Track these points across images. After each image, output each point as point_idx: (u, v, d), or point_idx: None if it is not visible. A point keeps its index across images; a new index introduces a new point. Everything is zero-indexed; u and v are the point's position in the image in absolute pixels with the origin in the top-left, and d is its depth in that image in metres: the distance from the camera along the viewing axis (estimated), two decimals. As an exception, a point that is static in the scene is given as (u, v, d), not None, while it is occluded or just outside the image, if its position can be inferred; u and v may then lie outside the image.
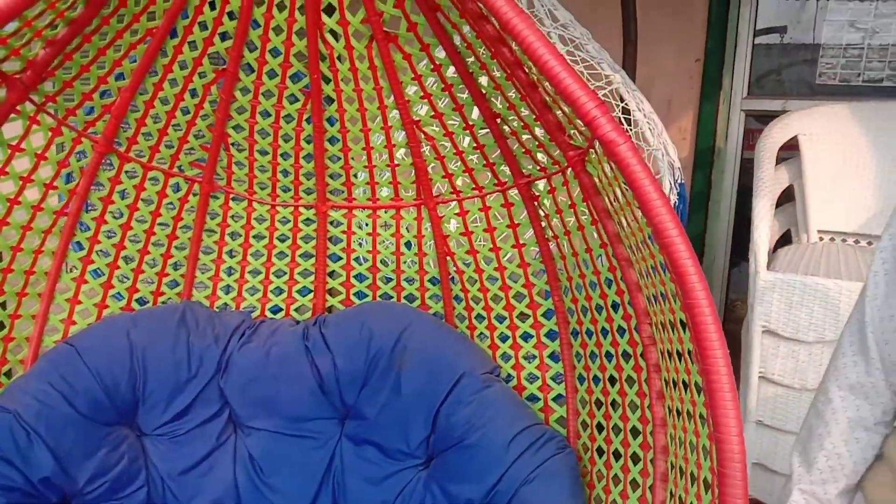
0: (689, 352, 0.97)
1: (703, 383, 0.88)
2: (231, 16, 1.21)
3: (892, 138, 2.02)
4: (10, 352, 1.35)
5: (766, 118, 2.16)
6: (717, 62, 2.48)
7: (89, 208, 1.37)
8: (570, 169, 1.17)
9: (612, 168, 1.00)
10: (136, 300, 1.49)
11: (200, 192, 1.46)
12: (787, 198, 2.15)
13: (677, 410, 1.06)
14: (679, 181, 1.79)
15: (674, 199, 1.72)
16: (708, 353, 0.86)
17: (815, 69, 2.44)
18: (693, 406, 0.98)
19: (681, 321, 0.97)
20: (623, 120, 1.69)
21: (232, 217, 1.52)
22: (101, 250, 1.41)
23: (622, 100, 1.70)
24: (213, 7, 1.19)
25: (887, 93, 2.34)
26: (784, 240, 2.17)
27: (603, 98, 1.62)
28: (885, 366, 1.00)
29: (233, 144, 1.41)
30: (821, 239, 2.10)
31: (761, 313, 1.78)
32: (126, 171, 1.37)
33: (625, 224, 1.08)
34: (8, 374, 1.37)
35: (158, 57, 1.23)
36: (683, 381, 1.01)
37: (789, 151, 2.12)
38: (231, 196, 1.50)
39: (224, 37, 1.24)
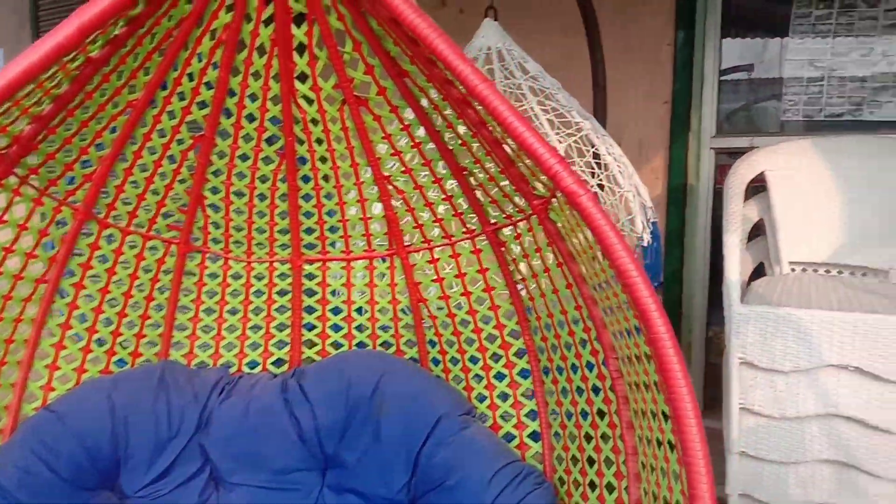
0: (655, 383, 1.04)
1: (670, 411, 0.95)
2: (208, 86, 1.27)
3: (853, 171, 2.11)
4: (-11, 421, 1.35)
5: (738, 154, 2.24)
6: (684, 104, 2.59)
7: (68, 274, 1.39)
8: (534, 216, 1.25)
9: (574, 216, 1.08)
10: (115, 363, 1.51)
11: (177, 254, 1.50)
12: (760, 230, 2.23)
13: (647, 439, 1.13)
14: (651, 220, 1.88)
15: (647, 237, 1.81)
16: (672, 383, 0.94)
17: (781, 106, 2.58)
18: (662, 434, 1.05)
19: (645, 354, 1.05)
20: (594, 164, 1.79)
21: (208, 276, 1.56)
22: (79, 315, 1.43)
23: (593, 145, 1.80)
24: (191, 78, 1.26)
25: (847, 127, 2.47)
26: (759, 272, 2.23)
27: (574, 144, 1.73)
28: None
29: (209, 206, 1.46)
30: (793, 270, 2.16)
31: (737, 345, 1.81)
32: (105, 237, 1.40)
33: (589, 266, 1.16)
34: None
35: (138, 126, 1.29)
36: (651, 411, 1.09)
37: (761, 183, 2.19)
38: (207, 255, 1.54)
39: (202, 105, 1.30)
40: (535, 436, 1.49)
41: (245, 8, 1.17)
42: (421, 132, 1.32)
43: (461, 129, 1.24)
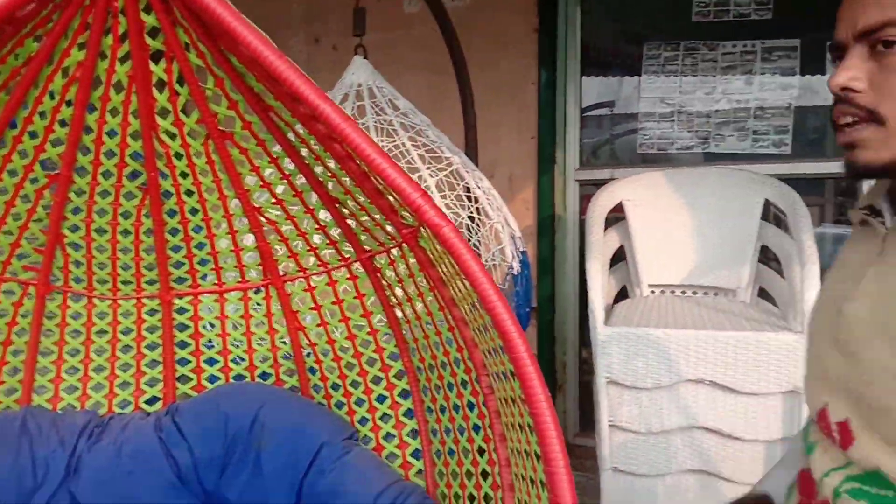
0: (521, 398, 1.11)
1: (533, 424, 1.02)
2: (62, 123, 1.23)
3: (702, 199, 2.26)
4: None
5: (601, 185, 2.36)
6: (549, 139, 2.72)
7: None
8: (405, 244, 1.30)
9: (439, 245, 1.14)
10: (-31, 414, 1.41)
11: (36, 295, 1.43)
12: (623, 255, 2.35)
13: (517, 450, 1.20)
14: (521, 249, 1.96)
15: (516, 265, 1.89)
16: (534, 399, 1.02)
17: (638, 139, 2.76)
18: (529, 445, 1.13)
19: (510, 371, 1.12)
20: (465, 197, 1.85)
21: (71, 316, 1.49)
22: (-75, 367, 1.33)
23: (463, 179, 1.87)
24: (43, 116, 1.21)
25: (698, 158, 2.69)
26: (623, 295, 2.35)
27: (445, 178, 1.79)
28: None
29: (69, 244, 1.40)
30: (652, 292, 2.30)
31: (603, 365, 1.91)
32: (-49, 283, 1.32)
33: (457, 290, 1.22)
34: None
35: (-15, 166, 1.22)
36: (519, 424, 1.16)
37: (621, 213, 2.30)
38: (69, 295, 1.48)
39: (56, 143, 1.25)
40: (416, 454, 1.54)
41: (99, 46, 1.14)
42: (290, 164, 1.34)
43: (330, 163, 1.27)
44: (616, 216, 2.31)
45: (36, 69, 1.13)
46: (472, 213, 1.83)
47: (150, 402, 1.59)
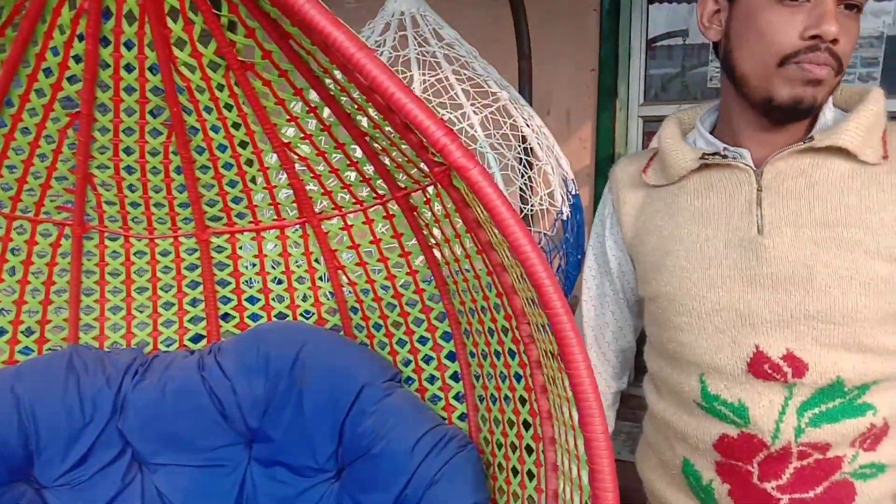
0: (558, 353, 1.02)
1: (569, 382, 0.94)
2: (77, 59, 1.17)
3: None
4: None
5: None
6: (611, 71, 2.47)
7: (-49, 267, 1.31)
8: (438, 183, 1.20)
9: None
10: (20, 352, 1.44)
11: (73, 235, 1.42)
12: None
13: (558, 405, 1.12)
14: (573, 192, 1.82)
15: (566, 210, 1.75)
16: (569, 354, 0.93)
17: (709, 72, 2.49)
18: (568, 402, 1.04)
19: (546, 325, 1.03)
20: (511, 136, 1.71)
21: (109, 255, 1.48)
22: (-29, 308, 1.35)
23: (511, 116, 1.71)
24: (55, 53, 1.15)
25: None
26: None
27: (491, 115, 1.65)
28: None
29: (100, 184, 1.37)
30: None
31: None
32: (-12, 225, 1.31)
33: (493, 234, 1.12)
34: None
35: (4, 108, 1.18)
36: (559, 378, 1.08)
37: None
38: (106, 235, 1.46)
39: (73, 80, 1.19)
40: (460, 396, 1.49)
41: (103, -28, 1.06)
42: (314, 96, 1.24)
43: (355, 94, 1.17)
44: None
45: (40, 2, 1.06)
46: (518, 153, 1.68)
47: (195, 339, 1.59)
